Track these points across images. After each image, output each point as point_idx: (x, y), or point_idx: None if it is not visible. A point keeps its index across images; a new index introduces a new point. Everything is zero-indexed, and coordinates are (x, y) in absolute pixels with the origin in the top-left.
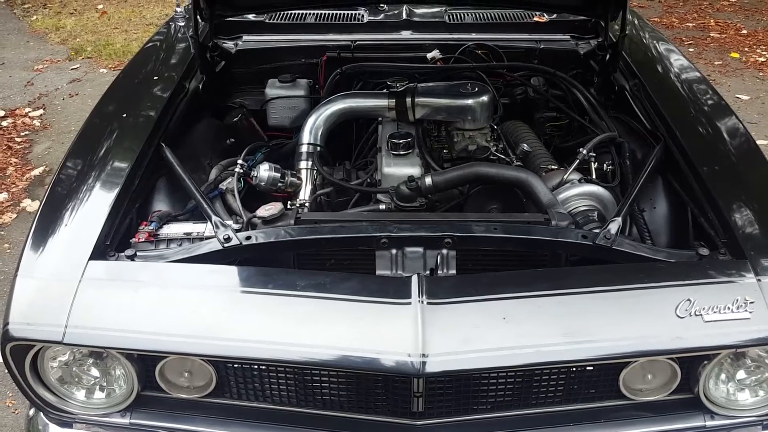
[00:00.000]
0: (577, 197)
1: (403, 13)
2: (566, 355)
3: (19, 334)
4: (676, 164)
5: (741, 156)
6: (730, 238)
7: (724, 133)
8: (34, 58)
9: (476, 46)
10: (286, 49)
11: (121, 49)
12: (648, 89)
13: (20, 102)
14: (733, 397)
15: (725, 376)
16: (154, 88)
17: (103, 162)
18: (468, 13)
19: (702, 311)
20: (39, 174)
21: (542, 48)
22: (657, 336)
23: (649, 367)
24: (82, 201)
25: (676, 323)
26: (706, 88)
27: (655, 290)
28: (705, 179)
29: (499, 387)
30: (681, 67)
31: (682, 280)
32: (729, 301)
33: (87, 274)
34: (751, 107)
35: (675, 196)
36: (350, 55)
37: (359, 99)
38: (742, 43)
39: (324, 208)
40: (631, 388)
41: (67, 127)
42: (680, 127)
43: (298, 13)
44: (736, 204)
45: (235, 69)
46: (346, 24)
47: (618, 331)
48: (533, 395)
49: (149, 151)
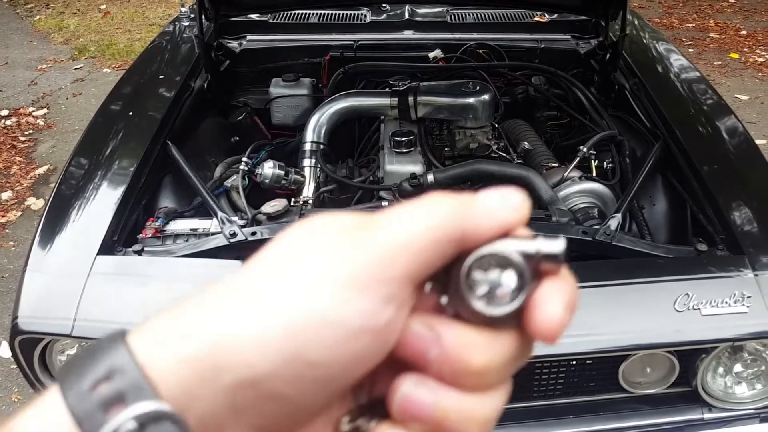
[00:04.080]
0: (577, 194)
1: (406, 13)
2: (565, 348)
3: (28, 327)
4: (676, 162)
5: (740, 155)
6: (728, 235)
7: (724, 132)
8: (37, 57)
9: (477, 46)
10: (290, 48)
11: (124, 50)
12: (648, 88)
13: (24, 101)
14: (730, 390)
15: (723, 369)
16: (159, 87)
17: (109, 160)
18: (469, 13)
19: (700, 305)
20: (43, 173)
21: (543, 47)
22: (656, 330)
23: (648, 361)
24: (90, 198)
25: (675, 317)
26: (706, 87)
27: (653, 285)
28: (704, 177)
29: None
30: (681, 66)
31: (681, 275)
32: (727, 295)
33: (95, 268)
34: (750, 107)
35: (674, 193)
36: (353, 55)
37: (362, 98)
38: (742, 44)
39: (327, 204)
40: (631, 381)
41: (70, 126)
42: (680, 126)
43: (302, 13)
44: (734, 201)
45: (239, 68)
46: (349, 24)
47: (617, 325)
48: (533, 388)
49: (155, 149)
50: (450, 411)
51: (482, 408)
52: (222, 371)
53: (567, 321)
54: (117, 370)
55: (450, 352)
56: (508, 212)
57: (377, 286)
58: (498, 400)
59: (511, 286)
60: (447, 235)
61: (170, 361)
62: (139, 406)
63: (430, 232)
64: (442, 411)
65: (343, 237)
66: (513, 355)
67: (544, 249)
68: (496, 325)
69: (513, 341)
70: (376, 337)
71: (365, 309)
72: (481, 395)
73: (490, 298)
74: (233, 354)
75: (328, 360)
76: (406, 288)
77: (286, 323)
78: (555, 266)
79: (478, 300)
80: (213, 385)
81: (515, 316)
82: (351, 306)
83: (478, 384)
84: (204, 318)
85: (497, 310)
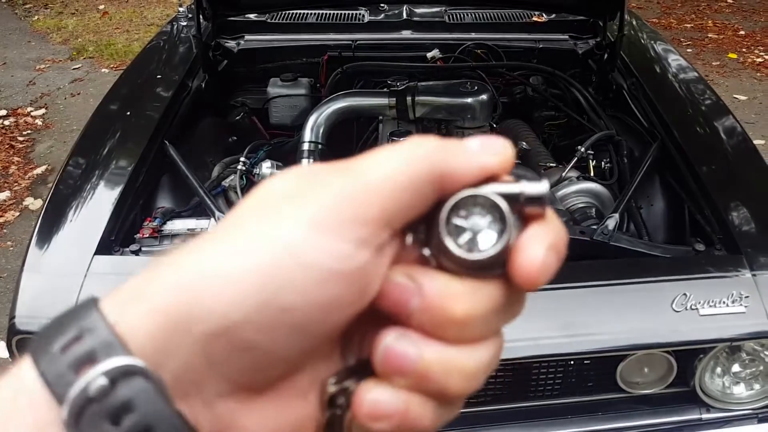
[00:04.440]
0: (575, 194)
1: (403, 13)
2: (563, 348)
3: (26, 327)
4: (674, 162)
5: (738, 155)
6: (726, 235)
7: (722, 132)
8: (35, 57)
9: (475, 46)
10: (288, 48)
11: (122, 50)
12: (646, 88)
13: (22, 101)
14: (728, 390)
15: (721, 369)
16: (157, 86)
17: (107, 159)
18: (467, 14)
19: (698, 305)
20: (41, 173)
21: (541, 48)
22: (653, 329)
23: (645, 361)
24: (87, 198)
25: (673, 317)
26: (704, 87)
27: (651, 285)
28: (702, 177)
29: (497, 380)
30: (679, 66)
31: (679, 275)
32: (724, 295)
33: (92, 268)
34: (748, 107)
35: (672, 193)
36: (351, 55)
37: (360, 98)
38: (740, 44)
39: None
40: (628, 381)
41: (69, 126)
42: (678, 126)
43: (300, 13)
44: (732, 201)
45: (237, 68)
46: (347, 24)
47: (615, 325)
48: (530, 388)
49: (153, 149)
50: (433, 363)
51: (467, 360)
52: (193, 321)
53: (550, 265)
54: (87, 330)
55: (431, 302)
56: (490, 156)
57: (350, 227)
58: (486, 353)
59: (492, 230)
60: (425, 175)
61: (141, 316)
62: (109, 362)
63: (407, 171)
64: (425, 363)
65: (318, 180)
66: (499, 305)
67: (527, 191)
68: (479, 273)
69: (498, 290)
70: (351, 281)
71: (338, 251)
72: (467, 347)
73: (471, 243)
74: (203, 302)
75: (301, 305)
76: (382, 231)
77: (257, 265)
78: (539, 210)
79: (458, 246)
80: (186, 337)
81: (500, 264)
82: (323, 248)
83: (461, 335)
84: (173, 268)
85: (478, 255)
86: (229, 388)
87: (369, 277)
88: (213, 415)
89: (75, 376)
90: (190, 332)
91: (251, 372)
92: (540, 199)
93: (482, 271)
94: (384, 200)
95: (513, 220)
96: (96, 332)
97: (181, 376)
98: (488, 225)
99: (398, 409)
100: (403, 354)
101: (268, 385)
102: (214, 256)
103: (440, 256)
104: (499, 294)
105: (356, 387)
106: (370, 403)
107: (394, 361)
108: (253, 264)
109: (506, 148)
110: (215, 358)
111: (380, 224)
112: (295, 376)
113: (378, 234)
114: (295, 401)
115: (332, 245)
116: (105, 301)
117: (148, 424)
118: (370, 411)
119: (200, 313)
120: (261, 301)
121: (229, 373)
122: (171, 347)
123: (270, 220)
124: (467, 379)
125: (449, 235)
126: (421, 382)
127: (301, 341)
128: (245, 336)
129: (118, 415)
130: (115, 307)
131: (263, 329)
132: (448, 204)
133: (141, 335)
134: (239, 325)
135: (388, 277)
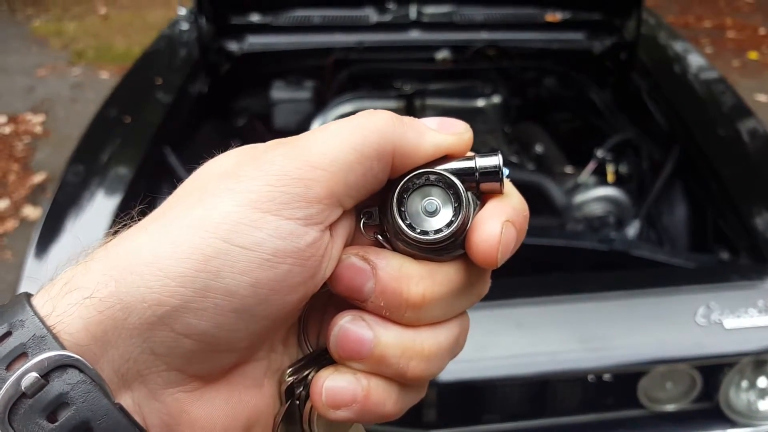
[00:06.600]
0: (592, 201)
1: (412, 14)
2: (583, 363)
3: None
4: (695, 166)
5: (762, 158)
6: (750, 242)
7: (744, 135)
8: (35, 63)
9: (487, 47)
10: (292, 50)
11: (123, 54)
12: (665, 90)
13: (22, 108)
14: (754, 405)
15: (746, 383)
16: (157, 91)
17: (106, 167)
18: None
19: (722, 317)
20: (41, 181)
21: (555, 48)
22: (676, 343)
23: (668, 376)
24: (86, 206)
25: (696, 330)
26: (725, 88)
27: (673, 296)
28: (725, 181)
29: (514, 396)
30: (699, 67)
31: (702, 285)
32: (750, 306)
33: None
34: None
35: (694, 198)
36: (358, 57)
37: (367, 101)
38: (761, 44)
39: None
40: (650, 397)
41: (69, 133)
42: (698, 129)
43: (304, 15)
44: (757, 207)
45: (240, 72)
46: (353, 25)
47: (636, 339)
48: (547, 405)
49: (152, 156)
50: (390, 346)
51: (427, 343)
52: (128, 310)
53: (509, 241)
54: (17, 325)
55: (386, 285)
56: (446, 136)
57: (294, 206)
58: (447, 335)
59: (447, 209)
60: (375, 150)
61: (75, 308)
62: (41, 356)
63: (355, 146)
64: (382, 347)
65: (259, 158)
66: (459, 286)
67: (480, 164)
68: (435, 254)
69: (457, 271)
70: (300, 261)
71: (281, 230)
72: (426, 330)
73: (426, 224)
74: (135, 290)
75: (244, 286)
76: (329, 210)
77: (191, 249)
78: (495, 185)
79: (411, 228)
80: (123, 326)
81: (458, 244)
82: (264, 227)
83: (419, 318)
84: (105, 257)
85: (433, 236)
86: (178, 377)
87: (318, 256)
88: (161, 405)
89: (6, 372)
90: (126, 321)
91: (199, 360)
92: (495, 172)
93: (439, 252)
94: (330, 177)
95: (469, 197)
96: (26, 327)
97: (121, 366)
98: (443, 204)
99: (357, 395)
100: (358, 337)
101: (219, 375)
102: (146, 243)
103: (395, 238)
104: (459, 275)
105: (315, 376)
106: (327, 391)
107: (349, 344)
108: (186, 249)
109: (466, 129)
110: (158, 347)
111: (327, 202)
112: (248, 365)
113: (325, 212)
114: (250, 391)
115: (274, 224)
116: (38, 295)
117: (85, 419)
118: (328, 399)
119: (133, 301)
120: (200, 286)
121: (175, 362)
122: (108, 337)
123: (204, 202)
124: (427, 362)
125: (402, 217)
126: (380, 366)
127: (249, 325)
128: (187, 322)
129: (53, 410)
130: (48, 300)
131: (206, 314)
132: (400, 183)
133: (75, 327)
134: (178, 312)
135: (341, 259)
